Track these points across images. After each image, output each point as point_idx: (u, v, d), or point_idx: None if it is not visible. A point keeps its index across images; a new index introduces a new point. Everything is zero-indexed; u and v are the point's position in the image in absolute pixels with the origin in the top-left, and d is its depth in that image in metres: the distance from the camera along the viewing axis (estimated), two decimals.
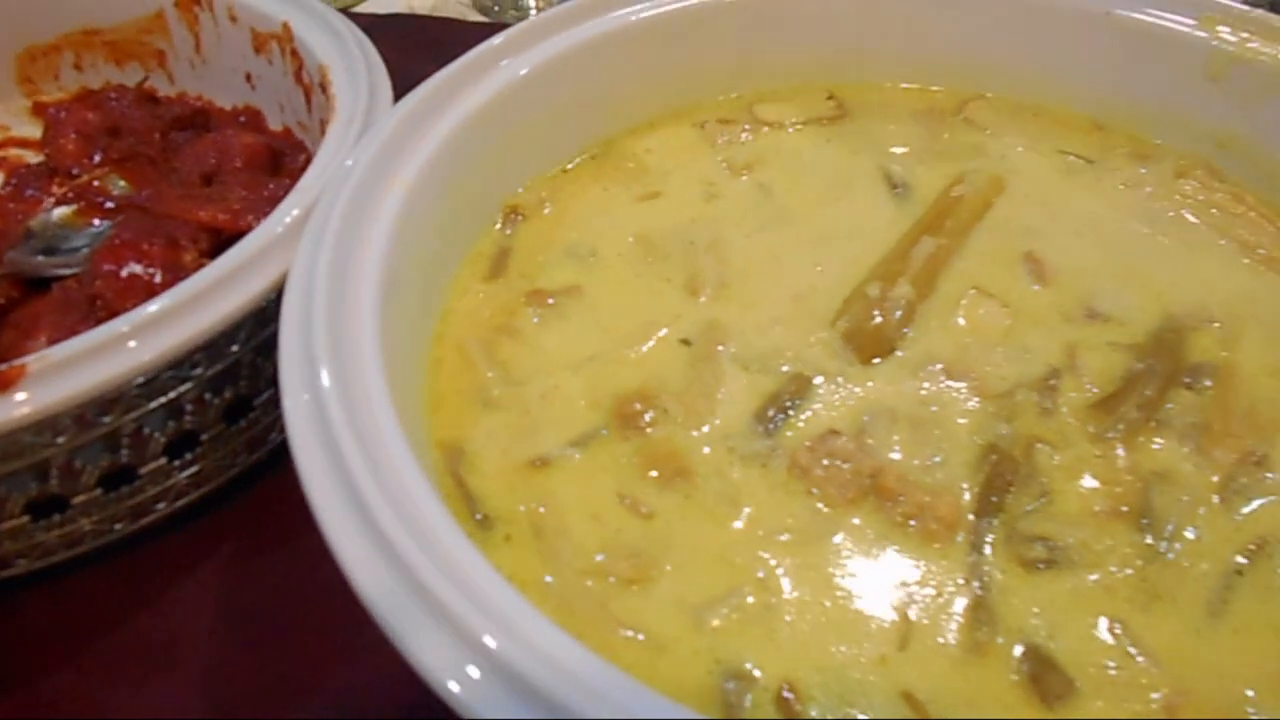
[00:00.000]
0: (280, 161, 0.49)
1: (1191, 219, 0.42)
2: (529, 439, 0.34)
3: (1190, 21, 0.44)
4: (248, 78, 0.50)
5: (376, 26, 0.66)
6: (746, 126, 0.48)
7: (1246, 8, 0.43)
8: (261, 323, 0.34)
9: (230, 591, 0.36)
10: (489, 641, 0.23)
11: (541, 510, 0.32)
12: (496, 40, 0.43)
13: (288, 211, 0.35)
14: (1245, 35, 0.42)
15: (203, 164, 0.46)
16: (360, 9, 0.68)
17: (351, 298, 0.32)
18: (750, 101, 0.50)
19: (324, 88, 0.42)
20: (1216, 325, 0.38)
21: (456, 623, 0.23)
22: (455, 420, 0.35)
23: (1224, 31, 0.43)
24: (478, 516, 0.32)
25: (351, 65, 0.43)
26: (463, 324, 0.39)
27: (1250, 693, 0.27)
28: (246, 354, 0.35)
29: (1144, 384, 0.35)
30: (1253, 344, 0.37)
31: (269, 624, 0.36)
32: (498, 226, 0.43)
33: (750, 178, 0.46)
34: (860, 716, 0.27)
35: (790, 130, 0.48)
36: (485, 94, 0.41)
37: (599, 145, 0.47)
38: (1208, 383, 0.35)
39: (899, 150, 0.47)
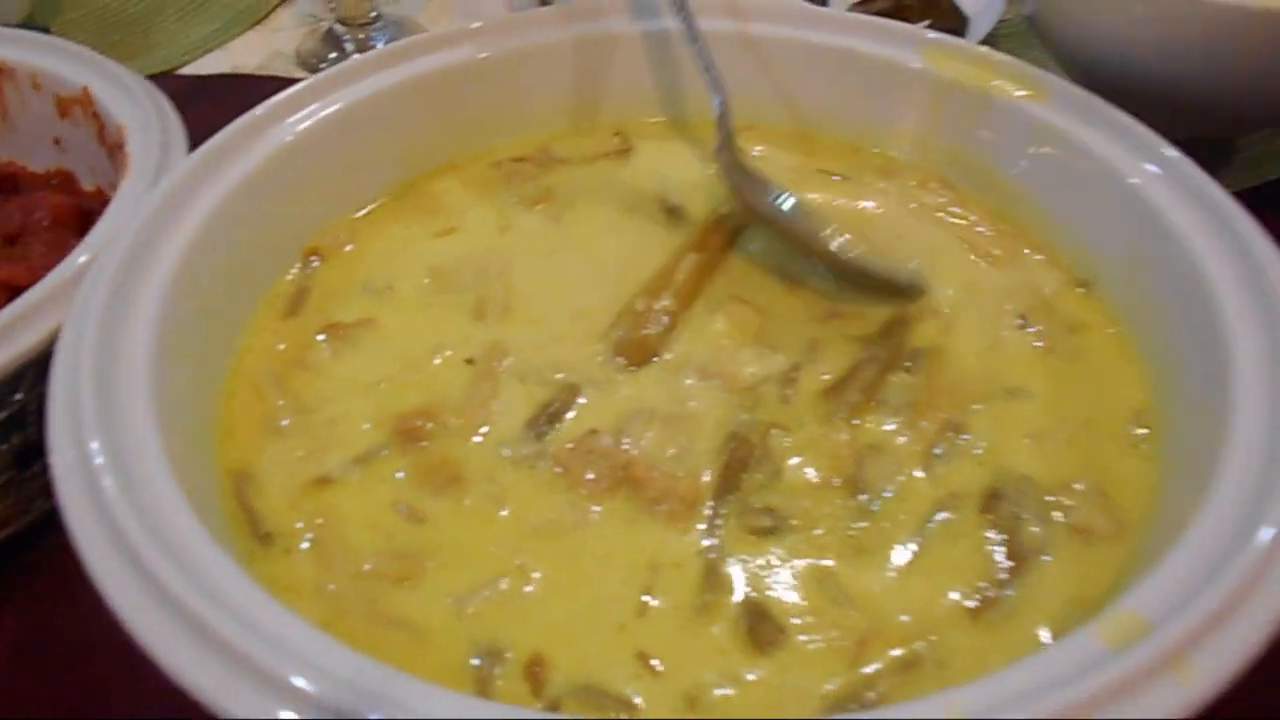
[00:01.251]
0: (91, 221, 0.51)
1: (927, 224, 0.48)
2: (314, 460, 0.37)
3: (917, 57, 0.50)
4: (56, 141, 0.52)
5: (199, 87, 0.69)
6: (540, 164, 0.52)
7: (960, 41, 0.50)
8: (44, 372, 0.36)
9: (30, 632, 0.37)
10: (254, 654, 0.25)
11: (320, 523, 0.35)
12: (292, 90, 0.46)
13: (71, 264, 0.37)
14: (957, 66, 0.49)
15: (7, 225, 0.47)
16: (185, 70, 0.70)
17: (126, 346, 0.34)
18: (544, 141, 0.54)
19: (120, 147, 0.45)
20: (941, 314, 0.43)
21: (223, 644, 0.26)
22: (244, 448, 0.37)
23: (942, 64, 0.49)
24: (260, 534, 0.34)
25: (147, 124, 0.46)
26: (258, 360, 0.41)
27: (927, 617, 0.32)
28: (33, 401, 0.37)
29: (866, 370, 0.40)
30: (967, 329, 0.42)
31: (68, 661, 0.37)
32: (296, 268, 0.45)
33: (542, 210, 0.50)
34: (597, 677, 0.30)
35: (580, 166, 0.52)
36: (276, 144, 0.44)
37: (399, 187, 0.50)
38: (922, 365, 0.40)
39: (677, 178, 0.51)
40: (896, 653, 0.31)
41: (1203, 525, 0.28)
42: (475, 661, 0.30)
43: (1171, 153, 0.42)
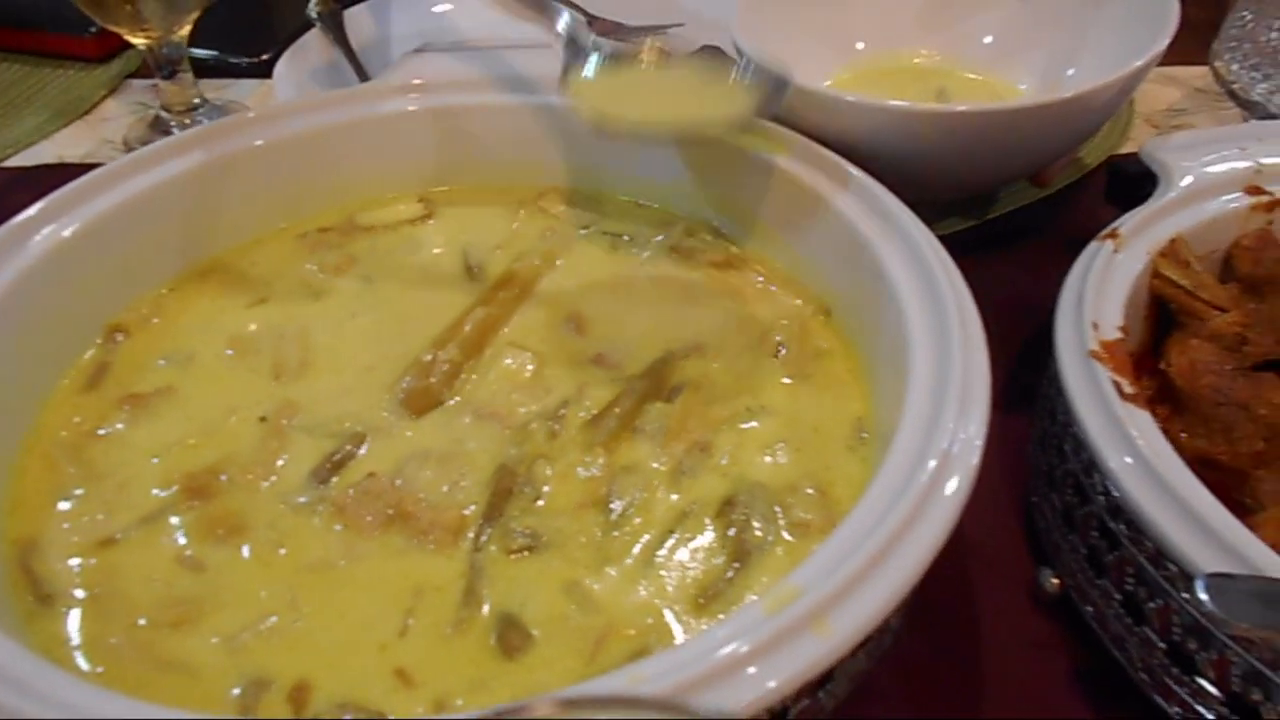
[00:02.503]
0: None
1: (698, 269, 0.53)
2: (101, 524, 0.39)
3: None
4: None
5: (25, 178, 0.71)
6: (344, 233, 0.56)
7: None
8: None
9: None
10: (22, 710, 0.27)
11: (101, 581, 0.37)
12: (92, 175, 0.49)
13: None
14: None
15: None
16: (10, 161, 0.72)
17: None
18: (351, 211, 0.57)
19: None
20: (703, 352, 0.48)
21: None
22: (33, 518, 0.39)
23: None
24: (41, 596, 0.36)
25: None
26: (53, 433, 0.43)
27: (659, 613, 0.36)
28: None
29: (625, 401, 0.44)
30: (727, 360, 0.47)
31: None
32: (98, 344, 0.48)
33: (348, 275, 0.53)
34: (356, 694, 0.33)
35: (384, 233, 0.56)
36: (72, 227, 0.47)
37: (206, 263, 0.53)
38: (681, 395, 0.45)
39: (478, 239, 0.56)
40: (630, 645, 0.35)
41: (861, 508, 0.33)
42: (236, 691, 0.33)
43: (891, 203, 0.48)
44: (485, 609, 0.36)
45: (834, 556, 0.31)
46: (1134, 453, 0.35)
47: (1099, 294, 0.42)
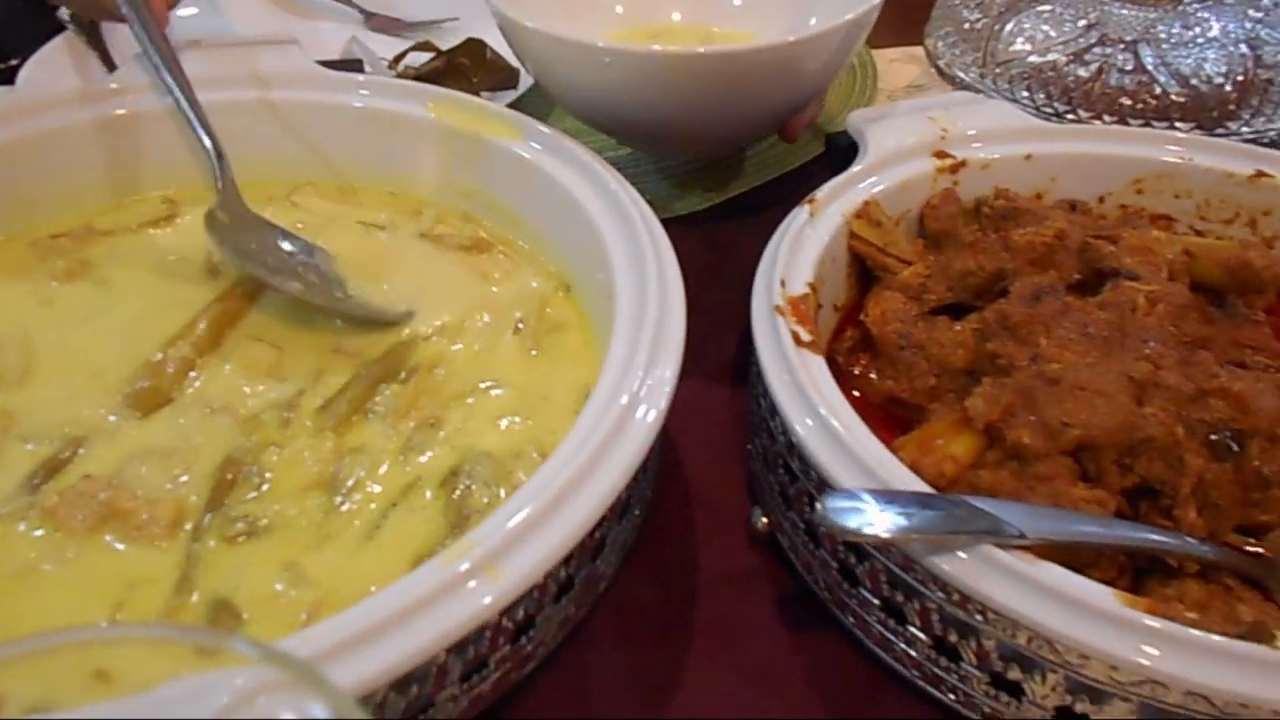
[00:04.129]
0: None
1: (448, 252, 0.55)
2: None
3: (425, 110, 0.57)
4: None
5: None
6: (79, 238, 0.54)
7: (458, 94, 0.57)
8: None
9: None
10: None
11: None
12: None
13: None
14: (457, 115, 0.56)
15: None
16: None
17: None
18: (90, 216, 0.56)
19: None
20: (446, 330, 0.50)
21: None
22: None
23: (446, 114, 0.56)
24: None
25: None
26: None
27: (374, 588, 0.37)
28: None
29: (356, 386, 0.45)
30: (468, 340, 0.49)
31: None
32: None
33: (82, 280, 0.52)
34: (51, 697, 0.33)
35: (124, 236, 0.55)
36: None
37: None
38: (416, 376, 0.46)
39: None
40: None
41: (557, 454, 0.35)
42: None
43: (613, 183, 0.50)
44: (195, 597, 0.36)
45: (509, 511, 0.33)
46: (802, 393, 0.39)
47: (790, 255, 0.46)
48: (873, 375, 0.47)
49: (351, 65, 0.70)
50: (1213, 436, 0.37)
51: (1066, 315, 0.42)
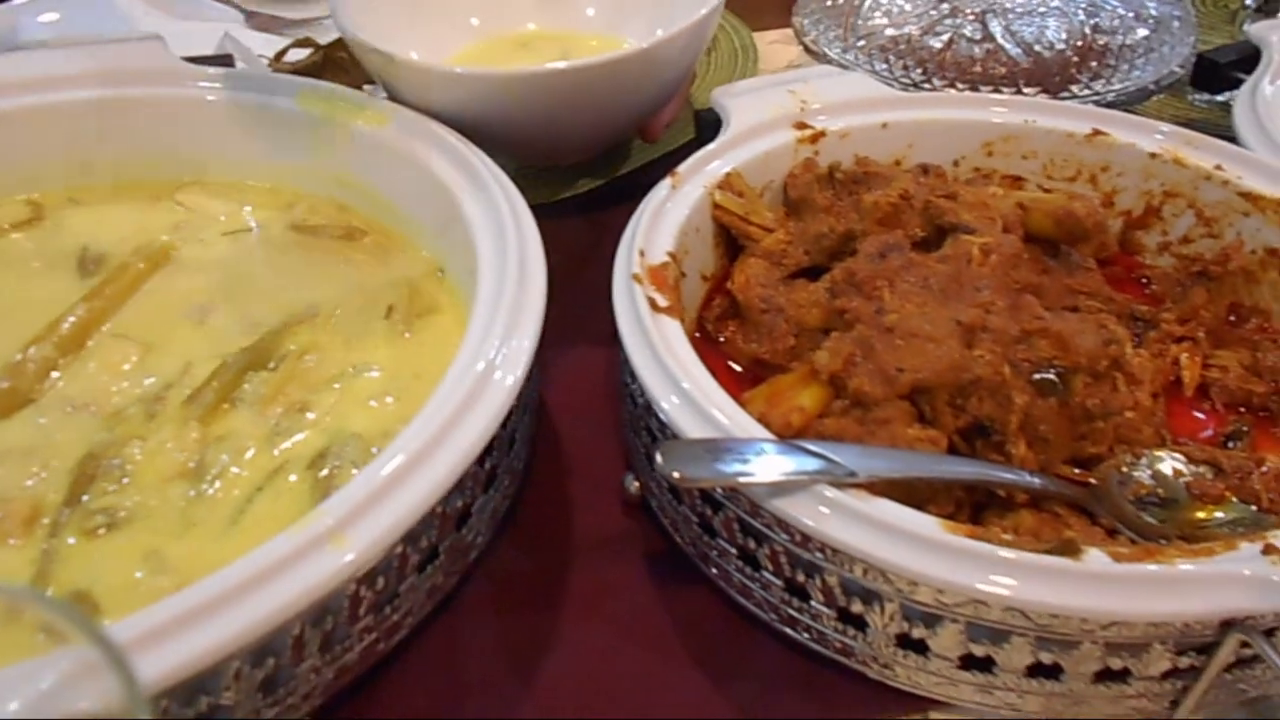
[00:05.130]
0: None
1: (320, 242, 0.55)
2: None
3: (293, 101, 0.57)
4: None
5: None
6: None
7: (325, 83, 0.57)
8: None
9: None
10: None
11: None
12: None
13: None
14: (323, 105, 0.56)
15: None
16: None
17: None
18: None
19: None
20: (317, 320, 0.50)
21: None
22: None
23: (312, 104, 0.56)
24: None
25: None
26: None
27: None
28: None
29: (224, 375, 0.45)
30: (340, 326, 0.49)
31: None
32: None
33: None
34: None
35: None
36: None
37: None
38: (287, 364, 0.47)
39: (101, 236, 0.54)
40: None
41: (402, 435, 0.36)
42: None
43: (479, 165, 0.51)
44: (50, 591, 0.36)
45: (360, 484, 0.34)
46: (655, 354, 0.40)
47: (650, 227, 0.47)
48: (740, 340, 0.49)
49: (221, 60, 0.69)
50: (1037, 375, 0.39)
51: (909, 270, 0.44)
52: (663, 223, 0.48)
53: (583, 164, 0.68)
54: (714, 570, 0.40)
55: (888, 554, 0.33)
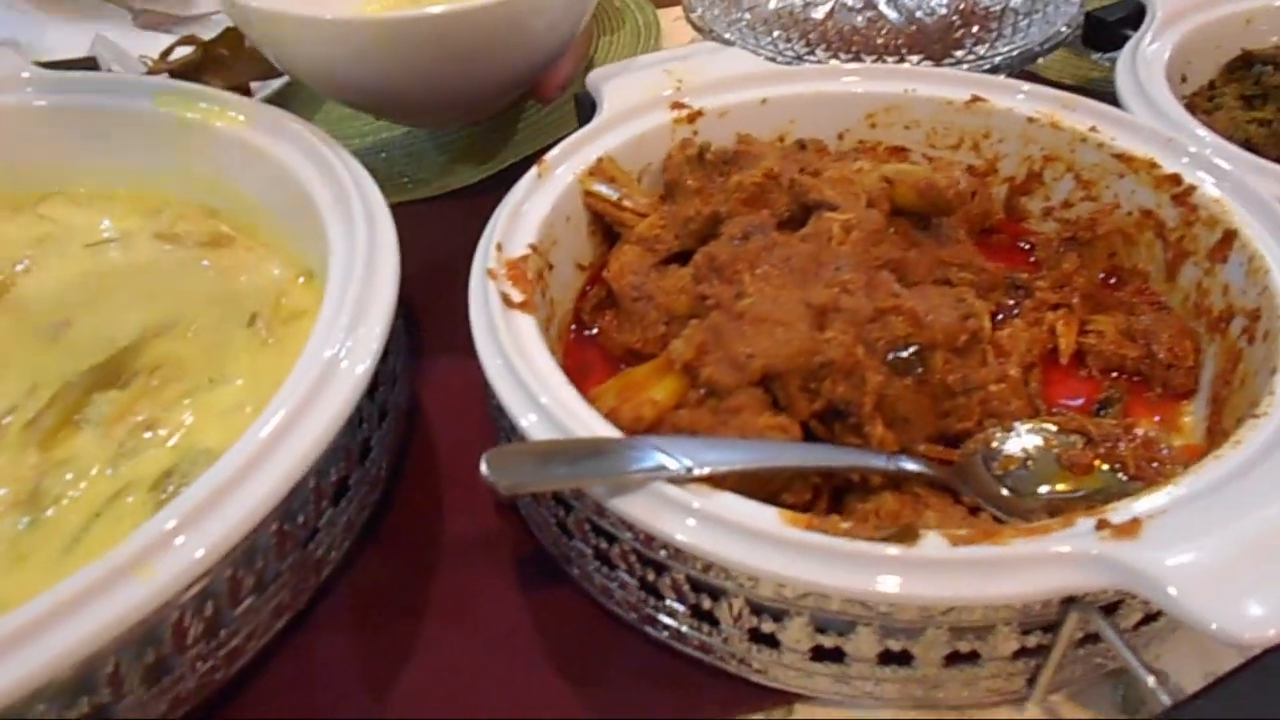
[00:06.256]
0: None
1: (185, 250, 0.53)
2: None
3: (151, 104, 0.54)
4: None
5: None
6: None
7: (183, 83, 0.55)
8: None
9: None
10: None
11: None
12: None
13: None
14: (183, 103, 0.54)
15: None
16: None
17: None
18: None
19: None
20: (174, 332, 0.48)
21: None
22: None
23: (174, 105, 0.54)
24: None
25: None
26: None
27: None
28: None
29: (66, 396, 0.43)
30: (199, 337, 0.48)
31: None
32: None
33: None
34: None
35: None
36: None
37: None
38: (140, 379, 0.45)
39: None
40: None
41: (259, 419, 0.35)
42: None
43: (335, 162, 0.49)
44: None
45: (195, 490, 0.32)
46: (503, 353, 0.38)
47: (511, 218, 0.46)
48: (614, 331, 0.48)
49: (84, 65, 0.67)
50: (892, 354, 0.38)
51: (772, 251, 0.43)
52: (527, 214, 0.47)
53: (470, 152, 0.66)
54: (576, 571, 0.39)
55: (724, 550, 0.32)
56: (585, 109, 0.58)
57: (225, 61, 0.72)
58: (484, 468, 0.32)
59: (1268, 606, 0.27)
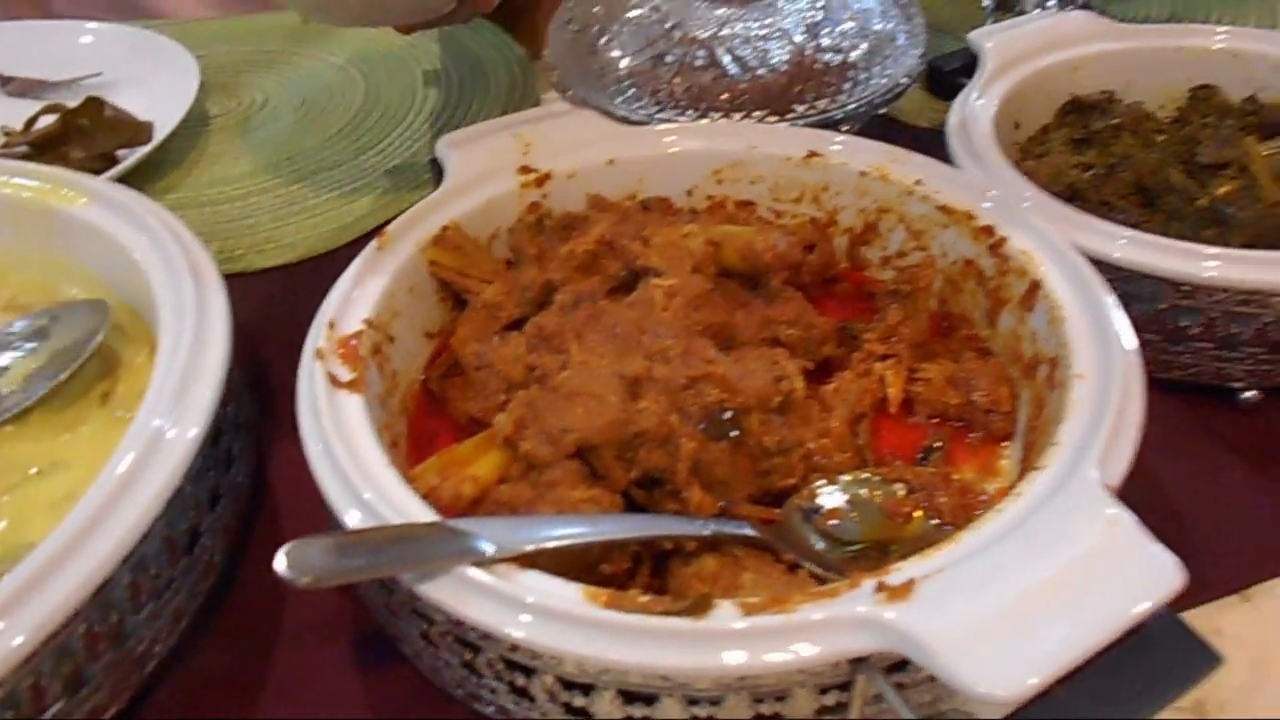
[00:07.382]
0: None
1: None
2: None
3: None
4: None
5: None
6: None
7: (23, 164, 0.55)
8: None
9: None
10: None
11: None
12: None
13: None
14: (21, 185, 0.54)
15: None
16: None
17: None
18: None
19: None
20: (13, 417, 0.47)
21: None
22: None
23: (10, 186, 0.54)
24: None
25: None
26: None
27: None
28: None
29: None
30: (46, 421, 0.47)
31: None
32: None
33: None
34: None
35: None
36: None
37: None
38: None
39: None
40: None
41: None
42: None
43: (166, 238, 0.49)
44: None
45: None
46: (324, 436, 0.39)
47: (347, 294, 0.46)
48: (459, 399, 0.48)
49: None
50: (706, 421, 0.39)
51: (600, 319, 0.44)
52: (365, 288, 0.47)
53: (359, 220, 0.66)
54: (408, 650, 0.39)
55: (523, 632, 0.32)
56: (441, 174, 0.59)
57: (86, 130, 0.72)
58: (280, 563, 0.32)
59: (1022, 665, 0.29)
